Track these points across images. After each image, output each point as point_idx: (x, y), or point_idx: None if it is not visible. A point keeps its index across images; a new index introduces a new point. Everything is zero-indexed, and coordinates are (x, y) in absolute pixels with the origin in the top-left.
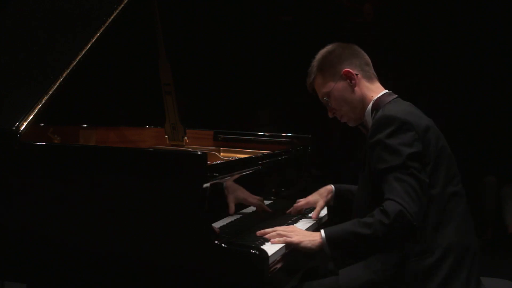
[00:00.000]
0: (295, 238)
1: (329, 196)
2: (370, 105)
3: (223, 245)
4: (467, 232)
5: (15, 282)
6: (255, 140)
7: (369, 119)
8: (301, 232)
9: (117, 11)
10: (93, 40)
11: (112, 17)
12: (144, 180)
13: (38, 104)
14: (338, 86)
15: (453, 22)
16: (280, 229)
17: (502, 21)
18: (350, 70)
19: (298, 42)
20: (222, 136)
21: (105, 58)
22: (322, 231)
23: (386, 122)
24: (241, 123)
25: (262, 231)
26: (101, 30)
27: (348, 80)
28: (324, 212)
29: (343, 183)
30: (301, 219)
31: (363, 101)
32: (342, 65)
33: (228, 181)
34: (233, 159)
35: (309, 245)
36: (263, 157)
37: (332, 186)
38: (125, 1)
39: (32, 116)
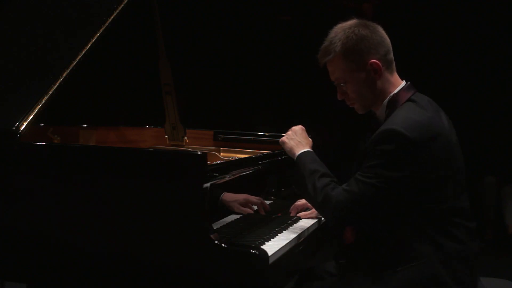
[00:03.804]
0: (283, 139)
1: None
2: (386, 100)
3: (223, 245)
4: (471, 241)
5: (15, 282)
6: (255, 140)
7: (382, 114)
8: (297, 136)
9: (117, 11)
10: (93, 40)
11: (112, 17)
12: (144, 180)
13: (38, 104)
14: (360, 76)
15: (453, 21)
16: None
17: (502, 21)
18: (378, 62)
19: (298, 42)
20: (222, 136)
21: (105, 58)
22: (303, 150)
23: (390, 137)
24: (241, 123)
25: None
26: (101, 30)
27: (373, 72)
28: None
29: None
30: (302, 219)
31: (381, 94)
32: (370, 55)
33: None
34: (233, 159)
35: (287, 150)
36: (263, 157)
37: None
38: (125, 1)
39: (32, 116)
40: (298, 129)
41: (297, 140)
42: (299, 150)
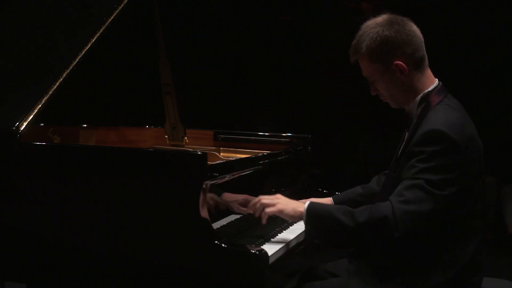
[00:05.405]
0: (278, 207)
1: None
2: (419, 97)
3: (223, 245)
4: (481, 249)
5: (15, 282)
6: (255, 140)
7: (414, 110)
8: (285, 200)
9: (117, 11)
10: (93, 40)
11: (112, 17)
12: (144, 180)
13: (38, 104)
14: (386, 76)
15: (453, 20)
16: (264, 197)
17: (502, 21)
18: (402, 63)
19: (298, 42)
20: (222, 136)
21: (105, 58)
22: (307, 202)
23: (436, 137)
24: (241, 123)
25: (250, 204)
26: (101, 30)
27: (398, 73)
28: None
29: (343, 183)
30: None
31: (411, 92)
32: (394, 56)
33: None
34: (233, 159)
35: (291, 213)
36: (263, 157)
37: (332, 200)
38: (125, 1)
39: (32, 116)
40: (278, 195)
41: (286, 200)
42: (301, 204)
